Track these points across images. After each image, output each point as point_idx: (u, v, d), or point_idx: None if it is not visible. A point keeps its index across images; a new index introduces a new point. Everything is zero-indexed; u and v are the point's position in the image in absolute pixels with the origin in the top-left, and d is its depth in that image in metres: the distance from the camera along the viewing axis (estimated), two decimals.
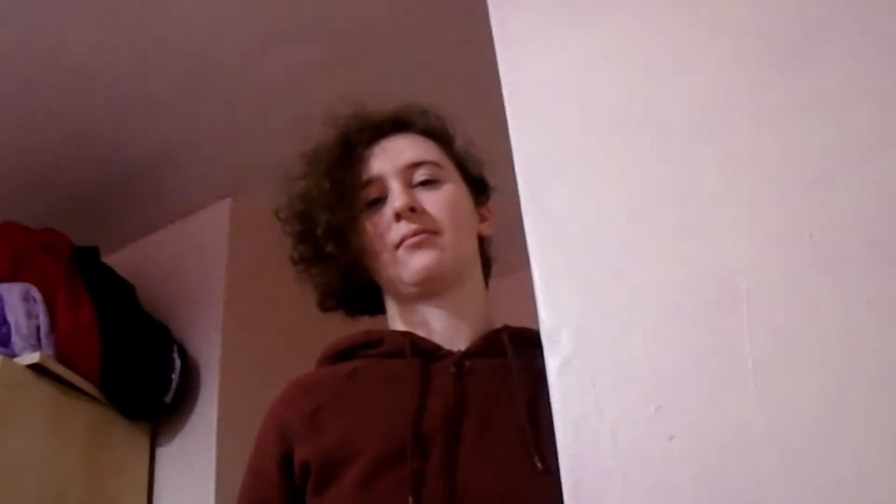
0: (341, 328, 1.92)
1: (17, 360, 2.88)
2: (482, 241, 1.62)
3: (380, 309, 1.64)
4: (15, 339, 2.92)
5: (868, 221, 1.08)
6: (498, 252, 1.75)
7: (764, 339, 1.11)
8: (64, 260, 3.14)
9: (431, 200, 1.51)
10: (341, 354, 1.59)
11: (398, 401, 1.40)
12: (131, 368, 3.12)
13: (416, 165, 1.54)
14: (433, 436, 1.38)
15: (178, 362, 3.18)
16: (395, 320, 1.58)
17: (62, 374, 2.94)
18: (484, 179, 1.66)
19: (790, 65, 1.21)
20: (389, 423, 1.39)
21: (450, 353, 1.48)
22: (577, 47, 1.45)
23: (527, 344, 1.42)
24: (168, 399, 3.14)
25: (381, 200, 1.53)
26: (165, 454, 3.25)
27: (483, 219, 1.62)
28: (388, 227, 1.50)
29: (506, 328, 1.54)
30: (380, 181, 1.54)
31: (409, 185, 1.53)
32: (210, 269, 3.45)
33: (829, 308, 1.08)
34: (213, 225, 3.55)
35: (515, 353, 1.47)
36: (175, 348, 3.22)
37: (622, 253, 1.25)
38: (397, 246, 1.49)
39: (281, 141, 3.26)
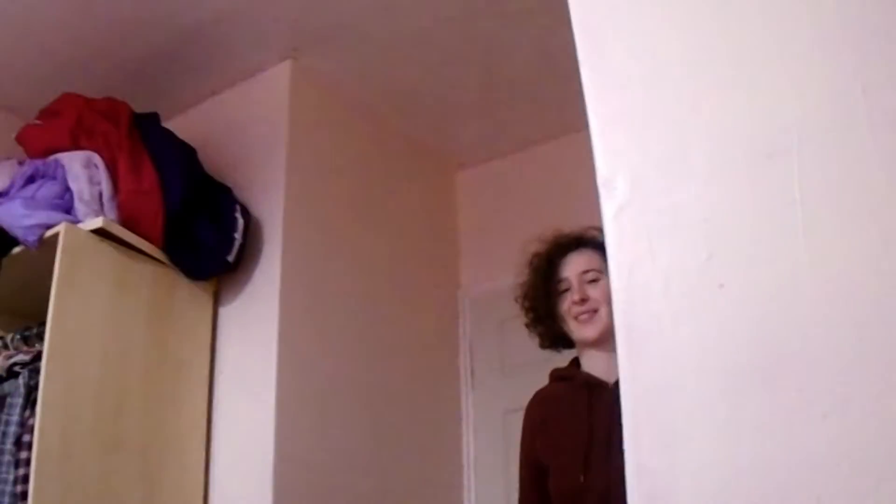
0: (403, 194, 2.77)
1: (80, 225, 2.94)
2: None
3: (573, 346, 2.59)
4: (78, 205, 2.99)
5: None
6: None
7: (814, 190, 1.12)
8: (125, 126, 3.17)
9: (594, 291, 2.43)
10: (559, 377, 2.58)
11: (577, 419, 2.38)
12: (193, 229, 3.17)
13: (586, 271, 2.48)
14: (597, 442, 2.29)
15: (240, 222, 3.22)
16: (581, 356, 2.53)
17: (125, 237, 3.01)
18: None
19: None
20: (573, 434, 2.37)
21: (606, 384, 2.37)
22: None
23: None
24: (231, 258, 3.20)
25: (568, 290, 2.49)
26: (228, 313, 3.33)
27: None
28: (571, 308, 2.47)
29: None
30: (567, 280, 2.51)
31: (583, 283, 2.47)
32: (272, 131, 3.48)
33: (880, 162, 1.08)
34: (274, 87, 3.57)
35: None
36: (238, 208, 3.27)
37: (677, 102, 1.25)
38: (575, 318, 2.46)
39: (341, 0, 3.27)
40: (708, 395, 1.13)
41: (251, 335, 3.23)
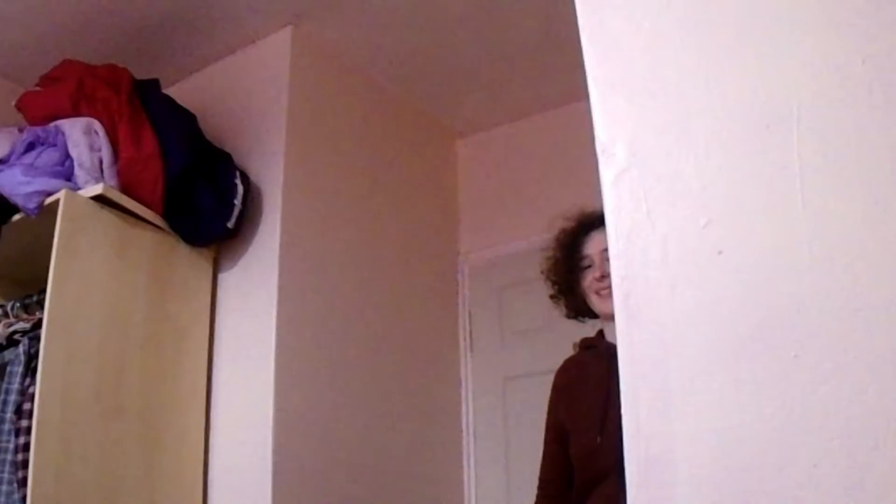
0: (403, 161, 2.89)
1: (80, 192, 2.94)
2: None
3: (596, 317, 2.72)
4: (78, 172, 2.98)
5: None
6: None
7: (813, 158, 1.12)
8: (125, 93, 3.16)
9: None
10: (585, 347, 2.69)
11: (597, 385, 2.49)
12: (193, 195, 3.17)
13: (607, 249, 2.26)
14: (613, 406, 2.19)
15: (240, 188, 3.22)
16: (605, 327, 2.64)
17: (125, 203, 3.01)
18: None
19: None
20: (592, 399, 2.49)
21: None
22: None
23: None
24: (231, 224, 3.20)
25: (591, 266, 2.61)
26: (228, 279, 3.34)
27: None
28: (592, 283, 2.59)
29: None
30: (589, 257, 2.63)
31: (604, 260, 2.52)
32: (272, 98, 3.47)
33: (879, 132, 1.09)
34: (275, 53, 3.55)
35: None
36: (238, 174, 3.26)
37: (678, 70, 1.25)
38: (596, 293, 2.58)
39: None
40: (705, 360, 1.14)
41: (251, 301, 3.24)
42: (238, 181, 3.23)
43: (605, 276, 2.53)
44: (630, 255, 1.22)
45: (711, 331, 1.14)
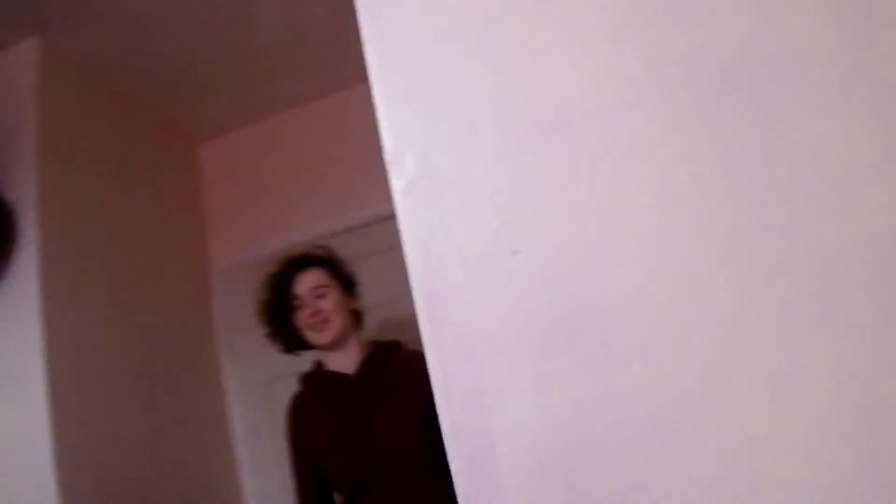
0: (155, 172, 2.71)
1: None
2: (357, 311, 3.05)
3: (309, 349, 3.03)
4: None
5: (703, 54, 1.16)
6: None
7: (600, 159, 1.19)
8: None
9: (324, 303, 2.91)
10: (308, 379, 3.00)
11: (333, 409, 2.85)
12: None
13: (315, 287, 2.93)
14: (354, 423, 2.78)
15: None
16: (323, 357, 2.99)
17: None
18: (352, 280, 3.09)
19: None
20: (334, 422, 2.83)
21: (348, 376, 2.92)
22: None
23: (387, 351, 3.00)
24: None
25: (301, 305, 2.93)
26: None
27: (354, 299, 3.04)
28: (306, 320, 2.91)
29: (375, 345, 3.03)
30: (300, 297, 2.94)
31: (313, 298, 2.92)
32: (21, 112, 3.27)
33: (658, 130, 1.16)
34: (21, 65, 3.36)
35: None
36: None
37: (462, 78, 1.29)
38: (310, 328, 2.91)
39: None
40: (513, 356, 1.19)
41: (13, 335, 3.05)
42: None
43: (317, 311, 2.90)
44: (426, 262, 1.25)
45: (515, 327, 1.19)
